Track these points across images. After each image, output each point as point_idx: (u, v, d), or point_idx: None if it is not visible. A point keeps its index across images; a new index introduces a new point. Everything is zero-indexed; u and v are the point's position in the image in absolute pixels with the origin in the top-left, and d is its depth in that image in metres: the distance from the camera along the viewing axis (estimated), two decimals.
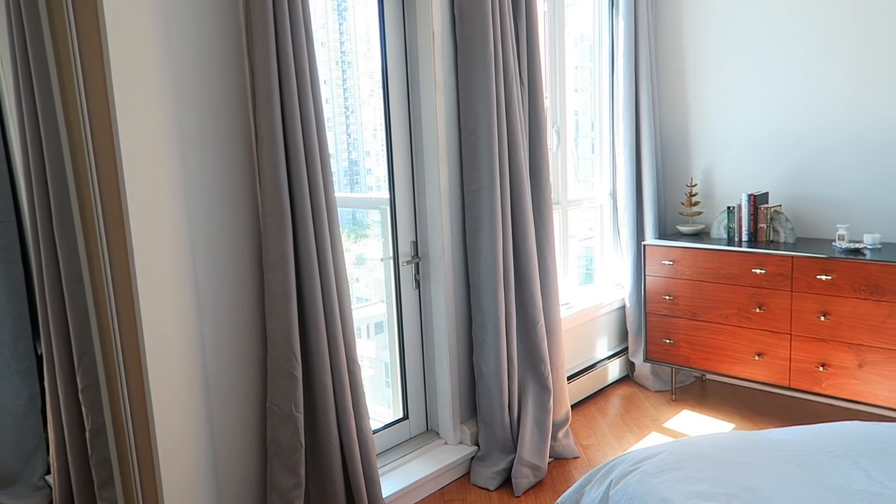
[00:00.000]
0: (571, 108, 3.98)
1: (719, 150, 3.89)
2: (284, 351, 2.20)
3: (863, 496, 1.55)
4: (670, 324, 3.66)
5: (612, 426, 3.51)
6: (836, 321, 3.10)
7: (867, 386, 3.05)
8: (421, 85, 2.87)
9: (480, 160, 2.86)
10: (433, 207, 2.92)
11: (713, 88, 3.87)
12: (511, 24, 2.90)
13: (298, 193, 2.18)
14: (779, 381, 3.32)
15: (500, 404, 2.95)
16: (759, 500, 1.54)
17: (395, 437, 3.02)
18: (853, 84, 3.38)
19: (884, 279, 2.94)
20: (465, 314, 3.06)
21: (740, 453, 1.80)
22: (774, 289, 3.26)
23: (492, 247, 2.87)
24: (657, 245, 3.66)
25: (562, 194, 3.71)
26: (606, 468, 1.90)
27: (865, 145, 3.38)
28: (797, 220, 3.63)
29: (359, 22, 3.03)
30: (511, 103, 2.90)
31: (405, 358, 3.03)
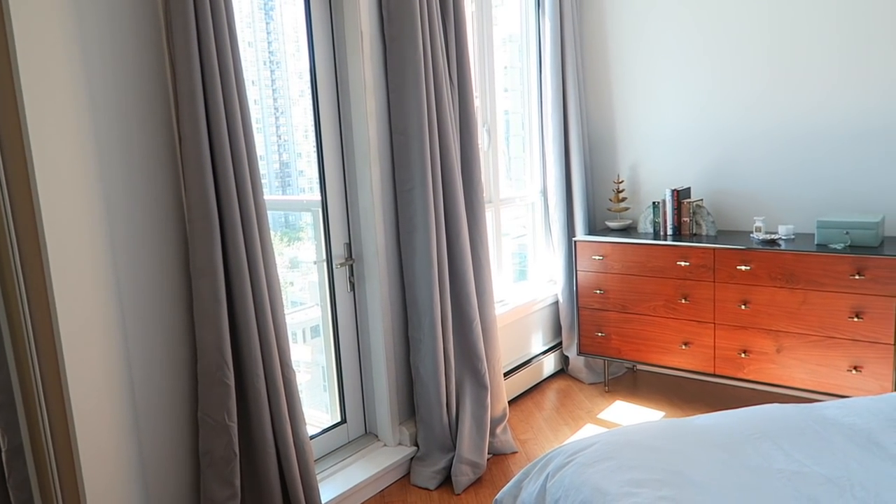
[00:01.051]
0: (502, 108, 4.02)
1: (644, 147, 4.02)
2: (215, 359, 2.14)
3: (782, 475, 1.63)
4: (602, 317, 3.76)
5: (549, 420, 3.57)
6: (755, 309, 3.24)
7: (785, 370, 3.21)
8: (350, 85, 2.84)
9: (412, 160, 2.86)
10: (366, 208, 2.90)
11: (636, 87, 3.99)
12: (440, 24, 2.91)
13: (226, 196, 2.13)
14: (704, 369, 3.46)
15: (438, 403, 2.95)
16: (686, 483, 1.60)
17: (333, 441, 2.98)
18: (765, 83, 3.55)
19: (797, 268, 3.10)
20: (401, 315, 3.05)
21: (669, 440, 1.86)
22: (698, 280, 3.39)
23: (426, 247, 2.87)
24: (587, 241, 3.75)
25: (494, 193, 3.75)
26: (543, 461, 1.93)
27: (777, 141, 3.56)
28: (718, 214, 3.78)
29: (286, 21, 2.98)
30: (441, 103, 2.91)
31: (341, 361, 3.00)
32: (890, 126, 3.25)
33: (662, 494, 1.57)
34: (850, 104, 3.33)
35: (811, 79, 3.42)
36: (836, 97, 3.37)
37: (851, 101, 3.33)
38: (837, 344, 3.05)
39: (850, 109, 3.34)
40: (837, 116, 3.38)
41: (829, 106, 3.39)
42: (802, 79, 3.45)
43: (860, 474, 1.62)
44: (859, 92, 3.31)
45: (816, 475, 1.62)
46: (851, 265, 2.97)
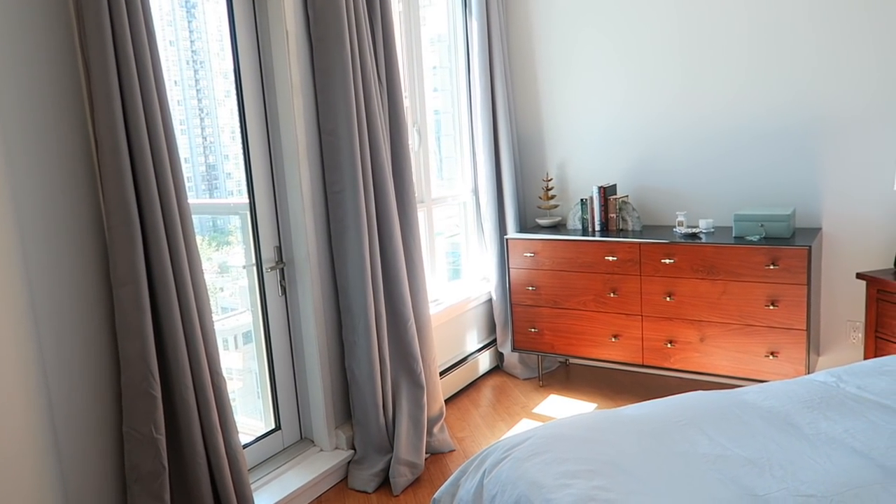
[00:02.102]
0: (432, 108, 4.03)
1: (571, 145, 4.11)
2: (140, 370, 2.06)
3: (707, 458, 1.70)
4: (534, 313, 3.82)
5: (485, 416, 3.61)
6: (679, 301, 3.37)
7: (708, 358, 3.35)
8: (277, 85, 2.79)
9: (342, 161, 2.83)
10: (296, 211, 2.86)
11: (563, 87, 4.07)
12: (367, 24, 2.89)
13: (147, 201, 2.05)
14: (634, 360, 3.57)
15: (374, 405, 2.94)
16: (618, 472, 1.65)
17: (267, 449, 2.92)
18: (683, 85, 3.70)
19: (717, 260, 3.24)
20: (334, 318, 3.02)
21: (602, 431, 1.91)
22: (626, 274, 3.49)
23: (358, 248, 2.85)
24: (518, 238, 3.80)
25: (426, 193, 3.76)
26: (480, 458, 1.95)
27: (696, 139, 3.71)
28: (643, 209, 3.91)
29: (210, 20, 2.90)
30: (370, 103, 2.89)
31: (274, 367, 2.94)
32: (799, 124, 3.43)
33: (596, 484, 1.61)
34: (763, 104, 3.50)
35: (726, 81, 3.58)
36: (750, 98, 3.53)
37: (764, 102, 3.50)
38: (755, 331, 3.21)
39: (763, 109, 3.51)
40: (751, 116, 3.54)
41: (743, 106, 3.56)
42: (718, 81, 3.60)
43: (778, 454, 1.70)
44: (771, 93, 3.48)
45: (738, 457, 1.70)
46: (766, 256, 3.12)
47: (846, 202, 3.39)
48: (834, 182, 3.40)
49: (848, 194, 3.37)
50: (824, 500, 1.48)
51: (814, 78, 3.37)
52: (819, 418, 1.88)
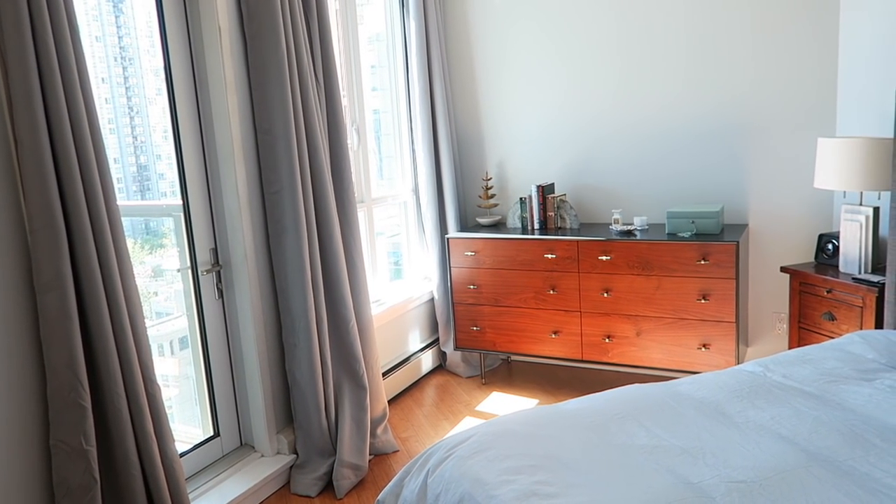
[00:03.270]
0: (371, 107, 4.01)
1: (510, 144, 4.16)
2: (68, 379, 1.97)
3: (644, 449, 1.75)
4: (476, 311, 3.85)
5: (429, 416, 3.61)
6: (616, 296, 3.45)
7: (644, 351, 3.44)
8: (210, 83, 2.72)
9: (279, 160, 2.78)
10: (232, 212, 2.79)
11: (501, 87, 4.11)
12: (302, 21, 2.85)
13: (73, 203, 1.96)
14: (573, 356, 3.64)
15: (316, 408, 2.90)
16: (559, 466, 1.68)
17: (206, 456, 2.84)
18: (617, 85, 3.79)
19: (651, 256, 3.34)
20: (274, 320, 2.96)
21: (543, 426, 1.94)
22: (564, 271, 3.56)
23: (297, 249, 2.81)
24: (459, 238, 3.82)
25: (365, 192, 3.73)
26: (424, 457, 1.95)
27: (631, 139, 3.80)
28: (580, 207, 3.99)
29: (138, 15, 2.80)
30: (308, 102, 2.85)
31: (212, 372, 2.86)
32: (727, 127, 3.56)
33: (538, 479, 1.63)
34: (694, 108, 3.63)
35: (660, 85, 3.69)
36: (682, 102, 3.65)
37: (695, 106, 3.62)
38: (688, 325, 3.32)
39: (694, 112, 3.63)
40: (683, 118, 3.66)
41: (675, 109, 3.67)
42: (652, 84, 3.71)
43: (711, 443, 1.77)
44: (702, 98, 3.60)
45: (673, 447, 1.75)
46: (697, 251, 3.23)
47: (770, 199, 3.54)
48: (759, 181, 3.55)
49: (772, 192, 3.53)
50: (754, 485, 1.54)
51: (741, 84, 3.51)
52: (748, 407, 1.96)
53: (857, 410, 1.90)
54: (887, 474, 1.56)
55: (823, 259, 3.22)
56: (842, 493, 1.49)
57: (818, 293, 3.08)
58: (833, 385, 2.07)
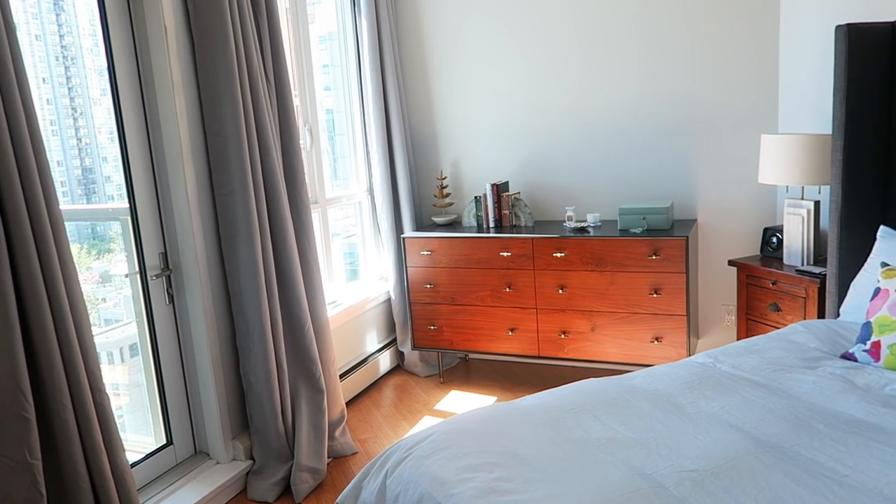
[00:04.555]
0: (324, 107, 3.97)
1: (464, 143, 4.17)
2: (10, 391, 1.90)
3: (600, 442, 1.78)
4: (433, 311, 3.85)
5: (388, 417, 3.60)
6: (571, 292, 3.50)
7: (599, 346, 3.50)
8: (156, 83, 2.65)
9: (230, 162, 2.73)
10: (182, 215, 2.73)
11: (454, 86, 4.12)
12: (251, 20, 2.80)
13: (12, 208, 1.89)
14: (530, 352, 3.67)
15: (272, 413, 2.86)
16: (517, 462, 1.69)
17: (159, 465, 2.78)
18: (569, 84, 3.84)
19: (604, 252, 3.39)
20: (227, 324, 2.91)
21: (501, 423, 1.95)
22: (520, 269, 3.59)
23: (250, 252, 2.76)
24: (415, 237, 3.82)
25: (319, 193, 3.69)
26: (382, 458, 1.94)
27: (584, 138, 3.86)
28: (534, 205, 4.03)
29: (81, 13, 2.71)
30: (258, 102, 2.81)
31: (163, 379, 2.79)
32: (676, 126, 3.65)
33: (496, 476, 1.64)
34: (644, 107, 3.70)
35: (612, 85, 3.75)
36: (633, 101, 3.72)
37: (645, 105, 3.69)
38: (641, 319, 3.38)
39: (644, 112, 3.70)
40: (633, 117, 3.73)
41: (626, 109, 3.74)
42: (604, 84, 3.77)
43: (664, 434, 1.80)
44: (651, 98, 3.68)
45: (628, 440, 1.78)
46: (648, 247, 3.30)
47: (717, 195, 3.64)
48: (706, 177, 3.64)
49: (719, 188, 3.63)
50: (705, 473, 1.58)
51: (689, 85, 3.59)
52: (699, 398, 2.01)
53: (802, 398, 1.97)
54: (830, 458, 1.62)
55: (768, 252, 3.32)
56: (788, 477, 1.54)
57: (764, 285, 3.17)
58: (779, 374, 2.14)
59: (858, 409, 1.87)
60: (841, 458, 1.61)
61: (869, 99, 2.62)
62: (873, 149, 2.66)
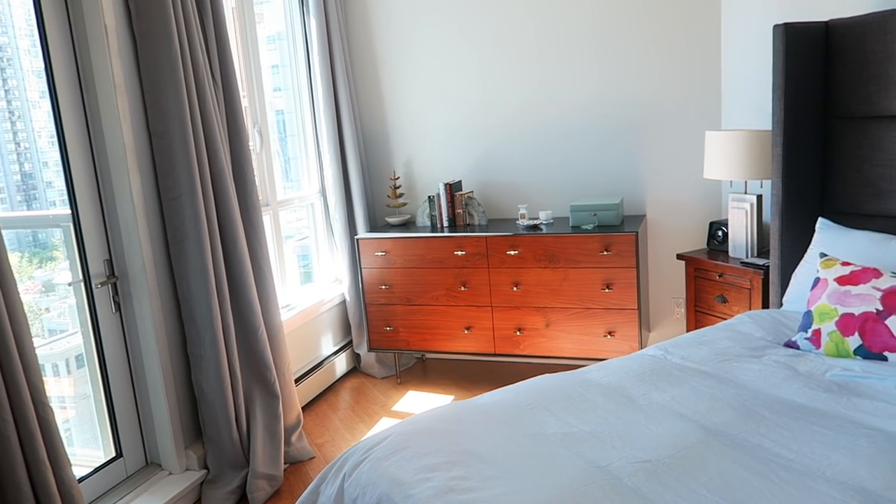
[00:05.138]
0: (274, 108, 3.92)
1: (417, 143, 4.17)
2: None
3: (556, 437, 1.80)
4: (389, 311, 3.84)
5: (345, 419, 3.57)
6: (525, 290, 3.53)
7: (554, 342, 3.54)
8: (98, 85, 2.57)
9: (177, 165, 2.67)
10: (127, 220, 2.66)
11: (406, 85, 4.12)
12: (196, 19, 2.74)
13: None
14: (486, 350, 3.69)
15: (226, 420, 2.81)
16: (475, 460, 1.70)
17: (109, 479, 2.70)
18: (519, 83, 3.87)
19: (557, 249, 3.43)
20: (177, 331, 2.84)
21: (458, 422, 1.96)
22: (474, 267, 3.60)
23: (200, 257, 2.70)
24: (369, 238, 3.80)
25: (270, 196, 3.64)
26: (339, 462, 1.92)
27: (536, 137, 3.90)
28: (487, 204, 4.05)
29: (16, 13, 2.61)
30: (205, 103, 2.75)
31: (111, 389, 2.71)
32: (623, 124, 3.71)
33: (454, 475, 1.65)
34: (593, 106, 3.76)
35: (562, 85, 3.80)
36: (583, 101, 3.77)
37: (594, 104, 3.75)
38: (594, 314, 3.44)
39: (593, 111, 3.76)
40: (582, 115, 3.79)
41: (577, 108, 3.79)
42: (553, 82, 3.81)
43: (618, 427, 1.84)
44: (600, 97, 3.74)
45: (583, 433, 1.81)
46: (600, 243, 3.36)
47: (665, 191, 3.72)
48: (654, 173, 3.72)
49: (666, 184, 3.71)
50: (658, 463, 1.62)
51: (637, 84, 3.66)
52: (651, 389, 2.05)
53: (749, 386, 2.03)
54: (776, 444, 1.67)
55: (714, 245, 3.42)
56: (736, 464, 1.58)
57: (711, 278, 3.26)
58: (726, 363, 2.20)
59: (801, 394, 1.94)
60: (786, 443, 1.67)
61: (806, 95, 2.72)
62: (811, 144, 2.76)
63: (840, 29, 2.65)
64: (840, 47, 2.65)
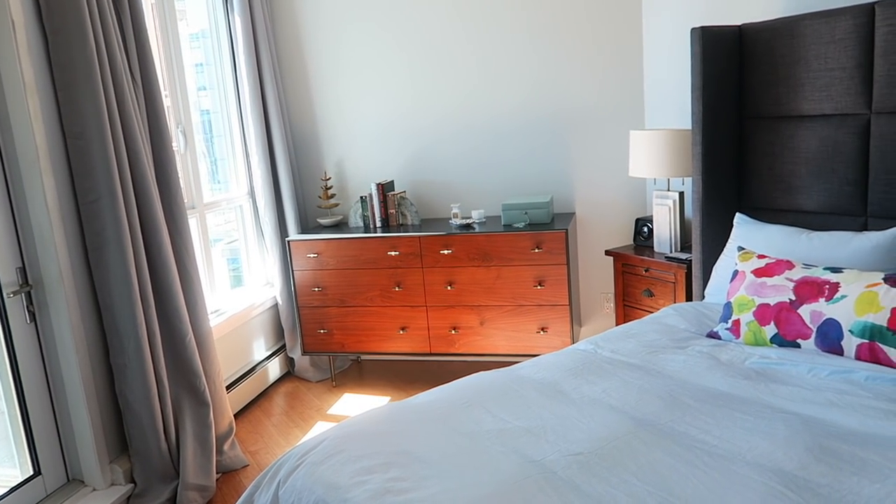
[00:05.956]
0: (200, 108, 3.80)
1: (348, 143, 4.13)
2: None
3: (491, 434, 1.82)
4: (322, 314, 3.79)
5: (279, 425, 3.51)
6: (459, 288, 3.56)
7: (489, 339, 3.58)
8: (6, 85, 2.43)
9: (95, 167, 2.55)
10: (41, 226, 2.52)
11: (335, 85, 4.07)
12: (112, 15, 2.63)
13: None
14: (422, 350, 3.70)
15: (154, 431, 2.71)
16: (411, 461, 1.70)
17: (27, 499, 2.56)
18: (455, 86, 3.89)
19: (490, 247, 3.47)
20: (98, 341, 2.72)
21: (394, 423, 1.95)
22: (408, 267, 3.60)
23: (122, 263, 2.60)
24: (300, 240, 3.74)
25: (196, 198, 3.53)
26: (274, 469, 1.89)
27: (467, 137, 3.93)
28: (420, 204, 4.05)
29: None
30: (124, 103, 2.65)
31: (27, 404, 2.57)
32: (552, 124, 3.78)
33: (391, 476, 1.64)
34: (523, 108, 3.81)
35: (491, 85, 3.83)
36: (513, 102, 3.82)
37: (523, 106, 3.80)
38: (527, 311, 3.49)
39: (523, 112, 3.81)
40: (513, 115, 3.84)
41: (506, 109, 3.84)
42: (485, 82, 3.84)
43: (551, 421, 1.87)
44: (530, 98, 3.79)
45: (518, 429, 1.84)
46: (531, 240, 3.41)
47: (593, 188, 3.82)
48: (583, 172, 3.81)
49: (594, 182, 3.81)
50: (590, 455, 1.66)
51: (563, 85, 3.73)
52: (582, 383, 2.10)
53: (675, 376, 2.10)
54: (701, 431, 1.74)
55: (640, 241, 3.53)
56: (664, 452, 1.64)
57: (638, 272, 3.37)
58: (653, 355, 2.27)
59: (723, 383, 2.03)
60: (710, 430, 1.74)
61: (723, 96, 2.84)
62: (728, 142, 2.88)
63: (752, 33, 2.78)
64: (752, 51, 2.79)
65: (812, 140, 2.64)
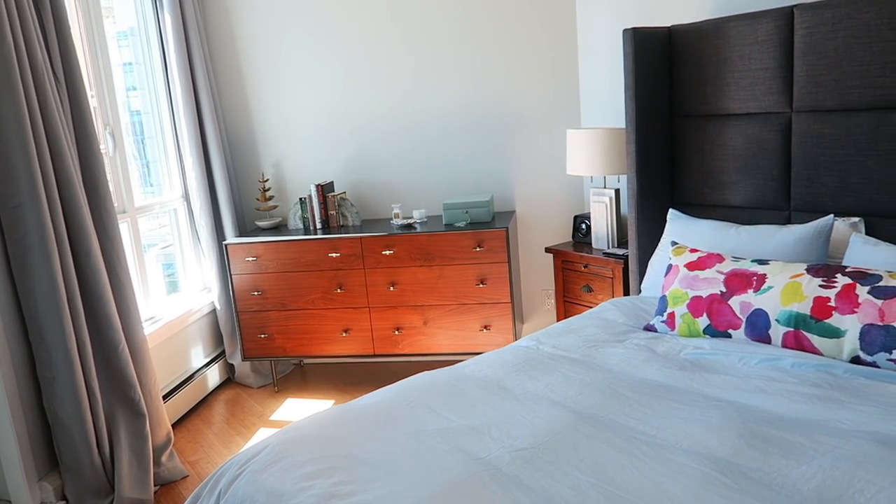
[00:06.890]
0: (129, 108, 3.67)
1: (285, 144, 4.06)
2: None
3: (436, 433, 1.82)
4: (263, 318, 3.71)
5: (220, 433, 3.42)
6: (402, 289, 3.55)
7: (432, 339, 3.58)
8: None
9: (16, 171, 2.43)
10: None
11: (272, 86, 4.00)
12: (33, 13, 2.52)
13: None
14: (365, 351, 3.67)
15: (86, 446, 2.60)
16: (357, 464, 1.68)
17: None
18: (389, 83, 3.87)
19: (431, 247, 3.47)
20: (24, 353, 2.59)
21: (338, 426, 1.93)
22: (350, 269, 3.57)
23: (47, 271, 2.48)
24: (238, 243, 3.66)
25: (127, 202, 3.41)
26: (215, 478, 1.84)
27: (407, 137, 3.92)
28: (361, 204, 4.03)
29: None
30: (46, 103, 2.53)
31: None
32: (491, 124, 3.82)
33: (336, 480, 1.62)
34: (462, 108, 3.82)
35: (430, 85, 3.83)
36: (451, 102, 3.83)
37: (462, 105, 3.82)
38: (470, 309, 3.51)
39: (462, 112, 3.83)
40: (451, 115, 3.85)
41: (446, 108, 3.84)
42: (423, 82, 3.84)
43: (495, 418, 1.89)
44: (467, 98, 3.81)
45: (462, 427, 1.84)
46: (473, 239, 3.43)
47: (532, 187, 3.87)
48: (522, 170, 3.86)
49: (533, 180, 3.86)
50: (534, 450, 1.68)
51: (501, 85, 3.77)
52: (525, 379, 2.13)
53: (614, 370, 2.15)
54: (639, 422, 1.79)
55: (579, 238, 3.60)
56: (606, 444, 1.68)
57: (577, 269, 3.43)
58: (594, 350, 2.32)
59: (660, 374, 2.09)
60: (648, 421, 1.79)
61: (655, 96, 2.92)
62: (661, 140, 2.97)
63: (681, 34, 2.87)
64: (682, 51, 2.88)
65: (738, 137, 2.74)
